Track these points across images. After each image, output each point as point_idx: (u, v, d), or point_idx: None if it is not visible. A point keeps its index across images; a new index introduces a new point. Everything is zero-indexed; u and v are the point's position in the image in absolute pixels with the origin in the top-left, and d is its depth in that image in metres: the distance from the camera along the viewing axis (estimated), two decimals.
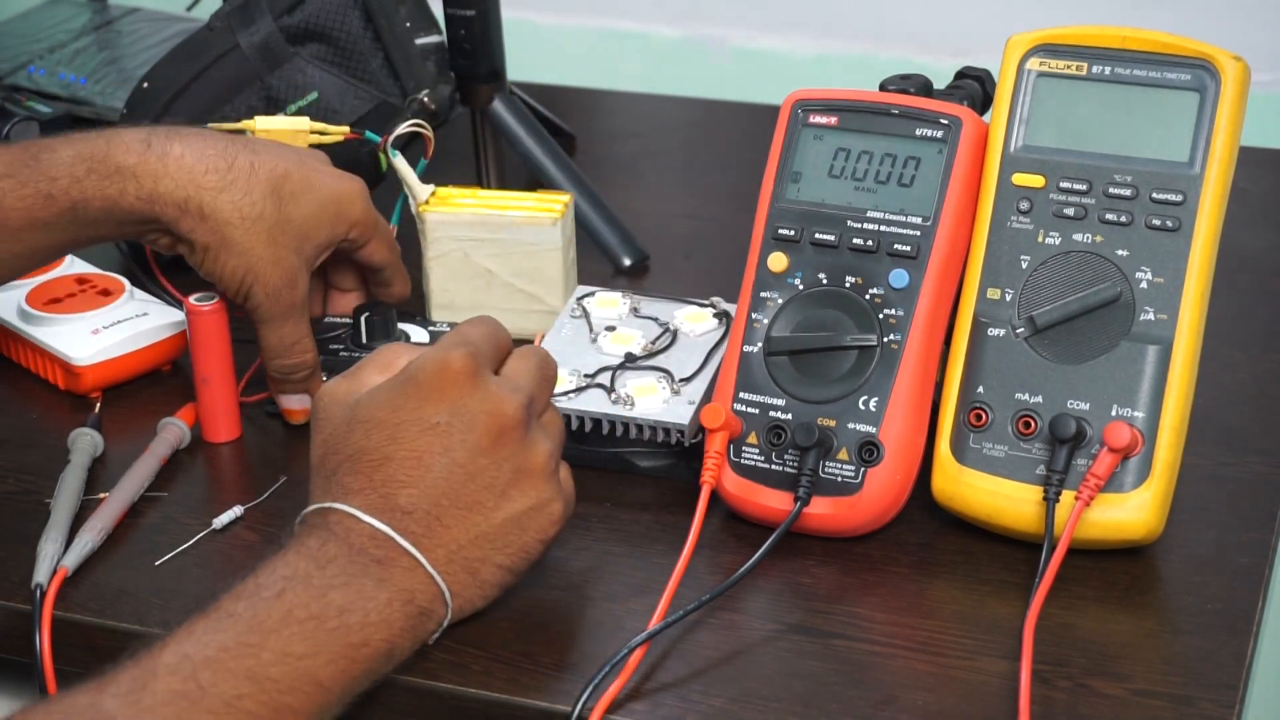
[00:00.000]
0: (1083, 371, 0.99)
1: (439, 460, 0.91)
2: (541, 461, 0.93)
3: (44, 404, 1.19)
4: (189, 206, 1.05)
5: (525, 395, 0.93)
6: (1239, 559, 0.99)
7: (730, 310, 1.12)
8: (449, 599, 0.91)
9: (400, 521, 0.90)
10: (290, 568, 0.88)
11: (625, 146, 1.57)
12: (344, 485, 0.91)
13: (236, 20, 1.30)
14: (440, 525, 0.91)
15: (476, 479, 0.91)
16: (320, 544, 0.89)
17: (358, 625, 0.87)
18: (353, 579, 0.88)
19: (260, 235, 1.06)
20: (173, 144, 1.06)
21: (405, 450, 0.91)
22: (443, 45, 1.37)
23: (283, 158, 1.09)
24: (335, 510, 0.91)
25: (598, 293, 1.15)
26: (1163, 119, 0.99)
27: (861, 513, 1.00)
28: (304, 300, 1.09)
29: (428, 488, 0.91)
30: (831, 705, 0.90)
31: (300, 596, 0.86)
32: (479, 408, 0.92)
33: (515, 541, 0.93)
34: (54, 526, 1.03)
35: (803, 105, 1.06)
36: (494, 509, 0.92)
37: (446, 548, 0.91)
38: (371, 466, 0.91)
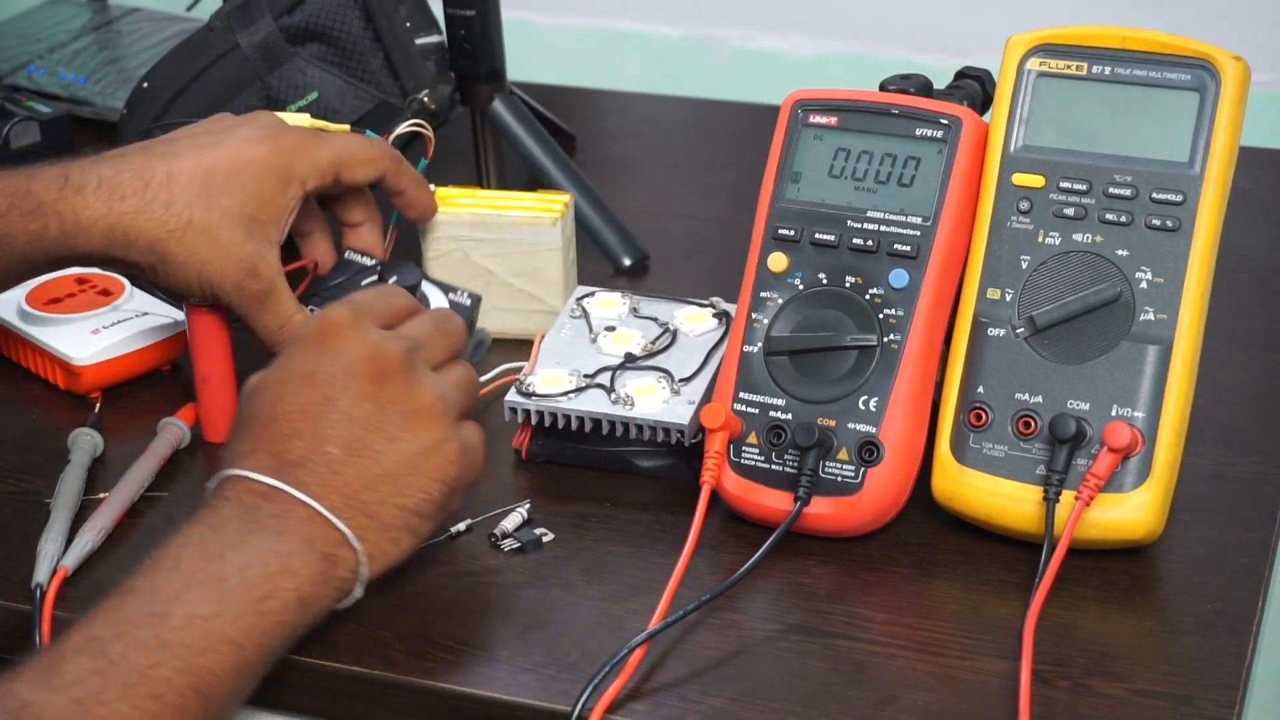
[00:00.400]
0: (1083, 371, 0.99)
1: (323, 410, 0.92)
2: (428, 403, 0.94)
3: (44, 404, 1.19)
4: (114, 235, 1.05)
5: (408, 342, 0.95)
6: (1239, 559, 0.99)
7: (730, 310, 1.12)
8: (355, 543, 0.91)
9: (291, 474, 0.91)
10: (185, 538, 0.89)
11: (625, 146, 1.57)
12: (236, 451, 0.93)
13: (236, 20, 1.30)
14: (332, 472, 0.91)
15: (362, 424, 0.92)
16: (213, 512, 0.90)
17: (260, 578, 0.88)
18: (249, 535, 0.89)
19: (197, 240, 1.05)
20: (89, 175, 1.05)
21: (290, 406, 0.92)
22: (443, 45, 1.37)
23: (205, 149, 1.07)
24: (228, 476, 0.92)
25: (597, 293, 1.15)
26: (1163, 119, 0.99)
27: (861, 513, 1.00)
28: (275, 281, 1.07)
29: (315, 438, 0.92)
30: (831, 705, 0.90)
31: (198, 561, 0.87)
32: (359, 355, 0.93)
33: (412, 483, 0.93)
34: (54, 526, 1.03)
35: (803, 105, 1.06)
36: (383, 452, 0.92)
37: (341, 493, 0.91)
38: (260, 427, 0.92)
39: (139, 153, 1.07)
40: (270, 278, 1.07)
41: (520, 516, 1.04)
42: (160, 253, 1.05)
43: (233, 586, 0.87)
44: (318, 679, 0.95)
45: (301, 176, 1.08)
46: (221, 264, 1.05)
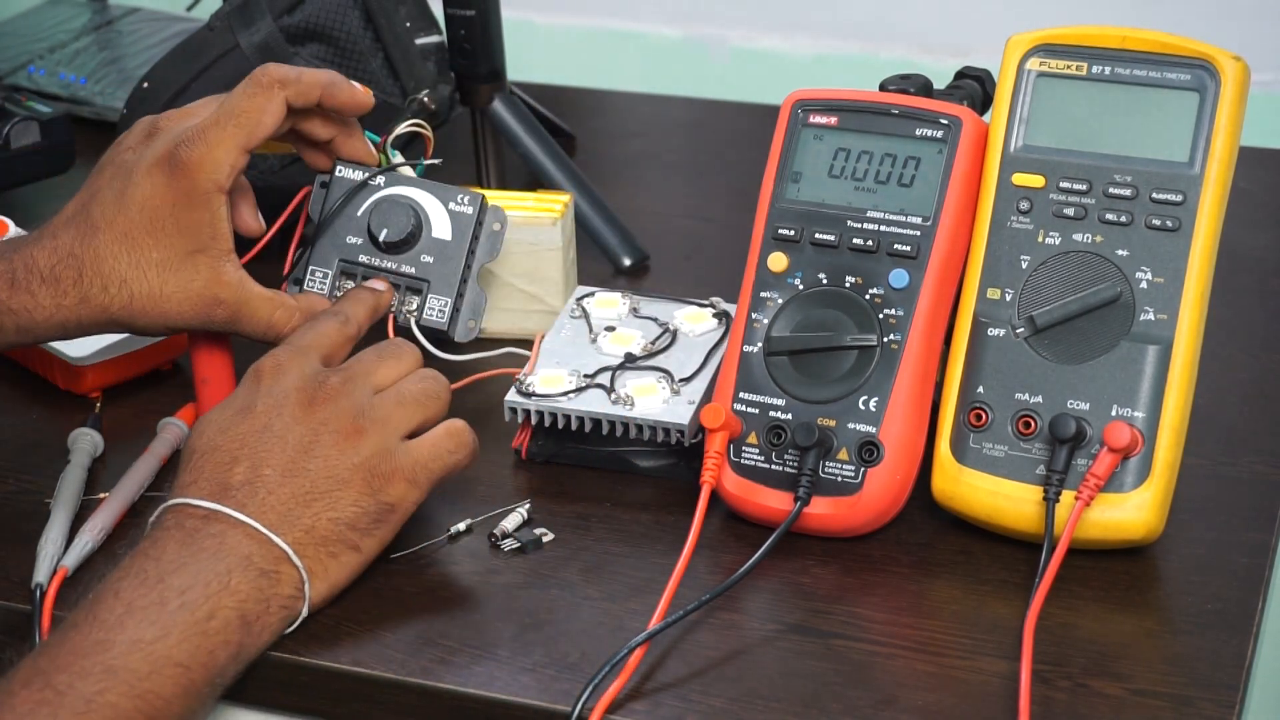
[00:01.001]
0: (1083, 371, 0.99)
1: (261, 437, 0.96)
2: (358, 423, 0.96)
3: (44, 404, 1.19)
4: (69, 327, 1.05)
5: (343, 371, 0.99)
6: (1239, 559, 0.99)
7: (730, 310, 1.12)
8: (294, 559, 0.93)
9: (230, 497, 0.94)
10: (123, 570, 0.91)
11: (625, 146, 1.57)
12: (178, 484, 0.96)
13: (236, 20, 1.30)
14: (266, 491, 0.94)
15: (295, 446, 0.95)
16: (153, 542, 0.92)
17: (200, 599, 0.89)
18: (189, 559, 0.91)
19: (147, 305, 1.04)
20: (32, 271, 1.04)
21: (229, 437, 0.96)
22: (443, 45, 1.37)
23: (115, 208, 1.04)
24: (171, 506, 0.94)
25: (597, 293, 1.15)
26: (1163, 119, 0.99)
27: (861, 513, 1.00)
28: (240, 294, 1.05)
29: (254, 463, 0.95)
30: (831, 705, 0.90)
31: (138, 590, 0.89)
32: (293, 384, 0.98)
33: (344, 497, 0.95)
34: (54, 526, 1.03)
35: (803, 105, 1.06)
36: (315, 470, 0.95)
37: (277, 511, 0.94)
38: (203, 460, 0.95)
39: (65, 230, 1.04)
40: (234, 297, 1.05)
41: (520, 516, 1.04)
42: (121, 324, 1.05)
43: (174, 609, 0.88)
44: (318, 679, 0.95)
45: (211, 185, 1.03)
46: (180, 311, 1.05)
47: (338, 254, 1.11)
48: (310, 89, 1.06)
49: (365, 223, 1.09)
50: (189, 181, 1.03)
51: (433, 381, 1.01)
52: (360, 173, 1.11)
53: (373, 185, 1.10)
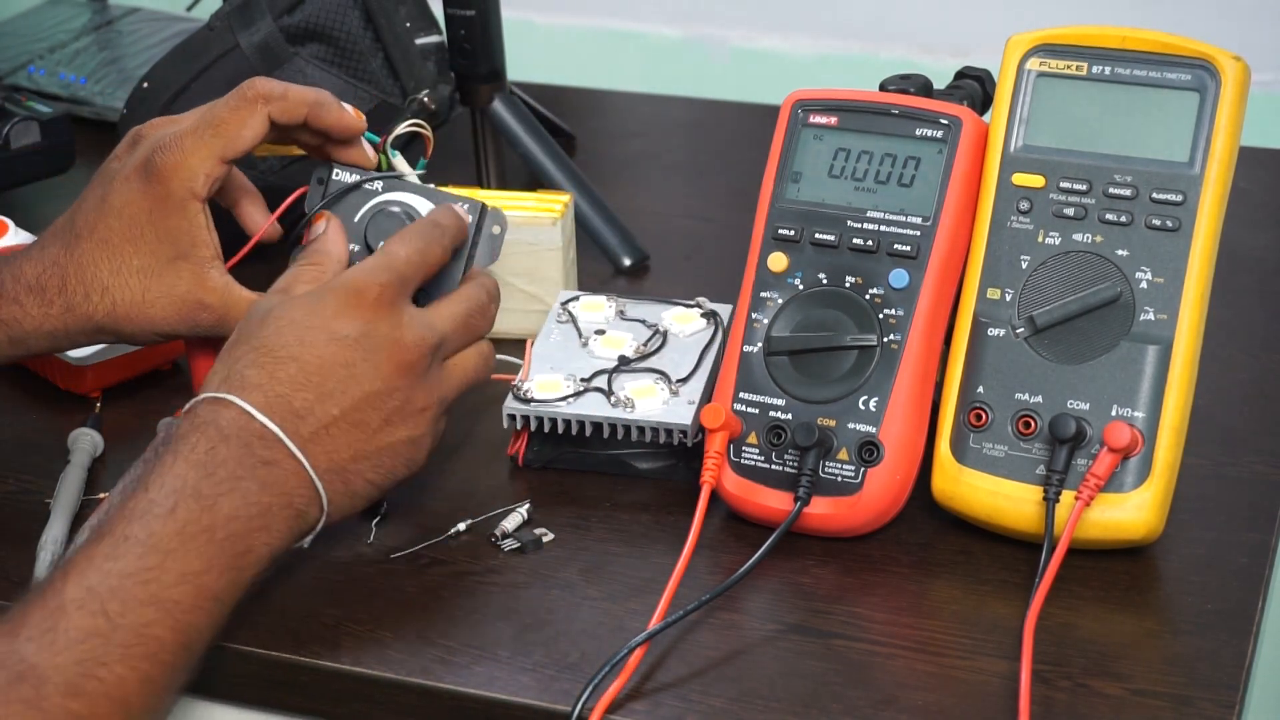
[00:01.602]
0: (1083, 371, 0.99)
1: (340, 372, 0.95)
2: (429, 402, 0.98)
3: (44, 404, 1.19)
4: (58, 337, 1.05)
5: (436, 336, 0.98)
6: (1239, 559, 0.99)
7: (717, 310, 1.12)
8: (325, 504, 0.95)
9: (292, 424, 0.93)
10: (180, 479, 0.90)
11: (625, 146, 1.57)
12: (243, 377, 0.94)
13: (236, 20, 1.30)
14: (327, 434, 0.95)
15: (370, 400, 0.96)
16: (209, 448, 0.91)
17: (243, 532, 0.90)
18: (239, 482, 0.91)
19: (132, 312, 1.03)
20: (19, 281, 1.04)
21: (310, 354, 0.95)
22: (443, 45, 1.37)
23: (96, 215, 1.03)
24: (230, 405, 0.93)
25: (582, 297, 1.15)
26: (1163, 119, 0.99)
27: (861, 513, 1.00)
28: (226, 298, 1.03)
29: (323, 396, 0.94)
30: (831, 705, 0.90)
31: (192, 510, 0.89)
32: (388, 334, 0.96)
33: (386, 464, 0.97)
34: (54, 526, 1.03)
35: (803, 105, 1.06)
36: (378, 431, 0.96)
37: (330, 456, 0.95)
38: (275, 363, 0.94)
39: (52, 242, 1.04)
40: (219, 301, 1.04)
41: (520, 516, 1.04)
42: (108, 331, 1.05)
43: (220, 541, 0.89)
44: (318, 679, 0.95)
45: (185, 193, 1.02)
46: (165, 316, 1.04)
47: None
48: (295, 107, 1.05)
49: (362, 231, 1.08)
50: (164, 188, 1.03)
51: (485, 364, 1.02)
52: (356, 175, 1.09)
53: (370, 190, 1.09)
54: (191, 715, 0.99)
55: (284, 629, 0.96)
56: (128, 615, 0.85)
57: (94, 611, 0.85)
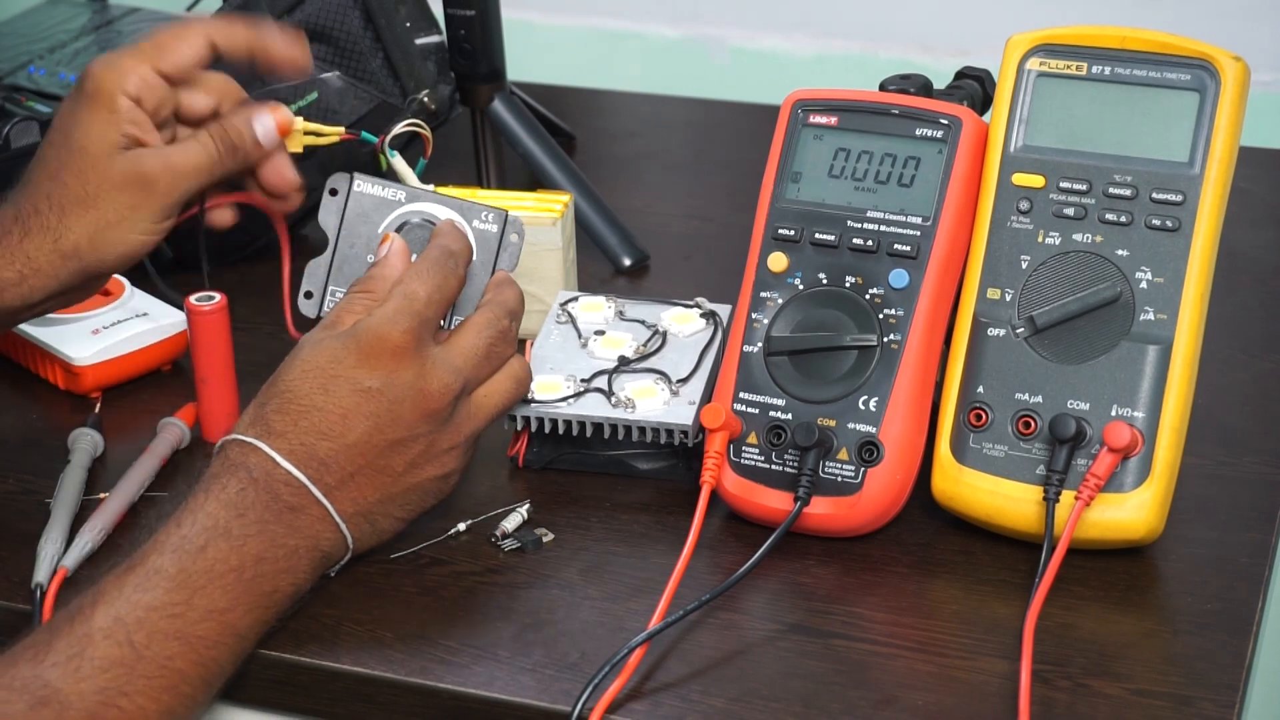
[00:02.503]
0: (1083, 371, 0.99)
1: (363, 423, 0.95)
2: (457, 441, 0.99)
3: (44, 404, 1.19)
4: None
5: (460, 379, 0.98)
6: (1239, 559, 0.99)
7: (716, 310, 1.12)
8: (350, 544, 0.96)
9: (317, 472, 0.94)
10: (211, 519, 0.92)
11: (625, 146, 1.57)
12: (269, 424, 0.95)
13: None
14: (352, 481, 0.96)
15: (394, 447, 0.97)
16: (239, 489, 0.93)
17: (270, 574, 0.92)
18: (267, 525, 0.92)
19: (54, 223, 1.02)
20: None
21: (333, 404, 0.95)
22: (443, 45, 1.37)
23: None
24: (257, 451, 0.94)
25: (581, 297, 1.15)
26: (1163, 119, 0.99)
27: (861, 513, 1.00)
28: (160, 164, 1.02)
29: (347, 445, 0.95)
30: (831, 705, 0.90)
31: (222, 549, 0.91)
32: (411, 383, 0.97)
33: (414, 501, 0.99)
34: (54, 526, 1.03)
35: (803, 105, 1.06)
36: (404, 474, 0.98)
37: (355, 502, 0.96)
38: (299, 412, 0.95)
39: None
40: (162, 168, 1.02)
41: (520, 516, 1.04)
42: (68, 248, 1.02)
43: (248, 580, 0.91)
44: (318, 679, 0.95)
45: (114, 88, 1.02)
46: (116, 209, 1.01)
47: (357, 274, 1.07)
48: (237, 32, 1.05)
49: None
50: (93, 86, 1.02)
51: (518, 386, 1.03)
52: (379, 185, 1.08)
53: (392, 201, 1.08)
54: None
55: (284, 629, 0.96)
56: (153, 647, 0.87)
57: (120, 641, 0.86)
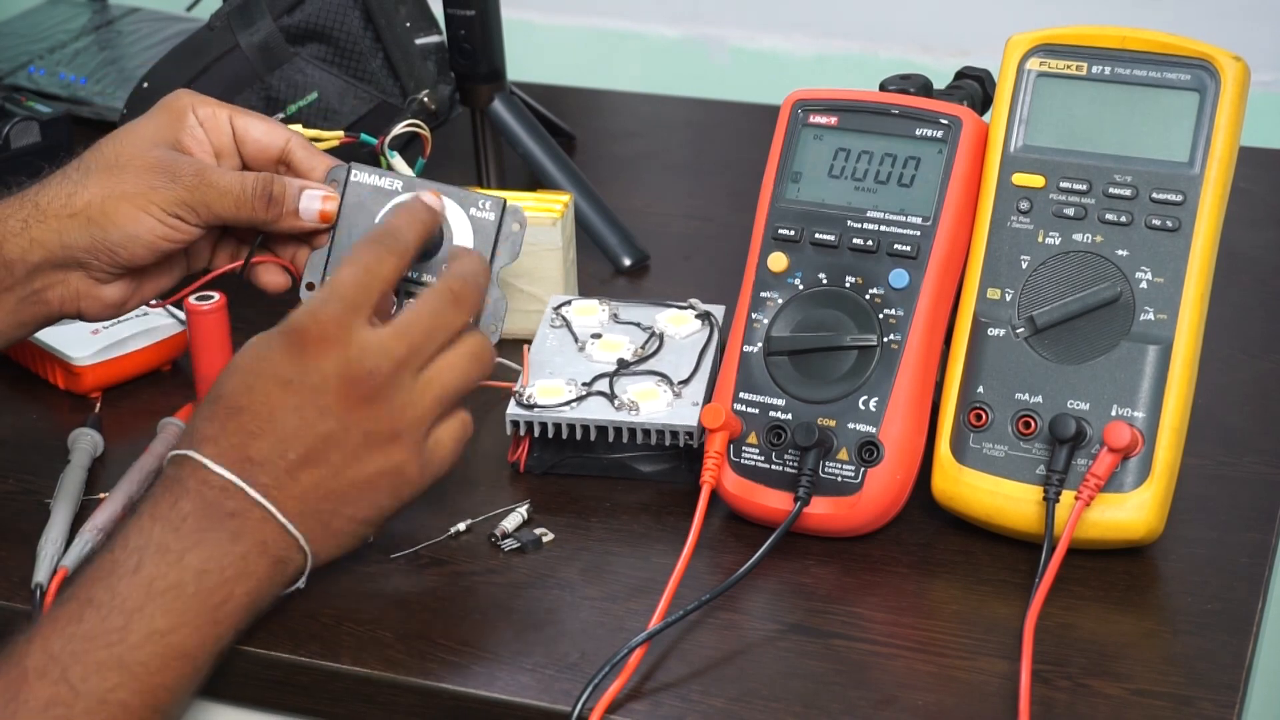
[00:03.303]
0: (1083, 371, 0.99)
1: (289, 417, 0.92)
2: (396, 427, 0.93)
3: (44, 404, 1.19)
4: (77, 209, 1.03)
5: (390, 361, 0.93)
6: (1239, 559, 0.99)
7: (711, 310, 1.12)
8: (306, 547, 0.92)
9: (250, 473, 0.91)
10: (145, 536, 0.89)
11: (625, 146, 1.57)
12: (200, 432, 0.92)
13: (236, 20, 1.30)
14: (291, 479, 0.92)
15: (325, 439, 0.92)
16: (173, 502, 0.90)
17: (216, 585, 0.89)
18: (206, 534, 0.89)
19: (80, 205, 1.02)
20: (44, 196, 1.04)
21: (259, 402, 0.92)
22: (443, 45, 1.37)
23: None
24: (188, 461, 0.92)
25: (574, 301, 1.15)
26: (1163, 119, 0.99)
27: (861, 513, 1.00)
28: (194, 168, 1.03)
29: (277, 441, 0.92)
30: (832, 705, 0.90)
31: (158, 566, 0.88)
32: (334, 370, 0.92)
33: (366, 499, 0.94)
34: (54, 526, 1.03)
35: (803, 105, 1.06)
36: (344, 469, 0.93)
37: (297, 500, 0.92)
38: (226, 414, 0.92)
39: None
40: (190, 171, 1.03)
41: (520, 516, 1.04)
42: (81, 221, 1.02)
43: (190, 595, 0.88)
44: (318, 679, 0.95)
45: (183, 107, 1.06)
46: (138, 184, 1.02)
47: None
48: (312, 161, 1.07)
49: None
50: (170, 98, 1.06)
51: (474, 364, 0.97)
52: (376, 175, 1.08)
53: (389, 190, 1.08)
54: (191, 715, 0.99)
55: (284, 629, 0.96)
56: (90, 681, 0.84)
57: (55, 679, 0.84)
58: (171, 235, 1.03)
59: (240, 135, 1.06)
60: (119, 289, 1.05)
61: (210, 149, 1.06)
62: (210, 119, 1.06)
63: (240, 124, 1.06)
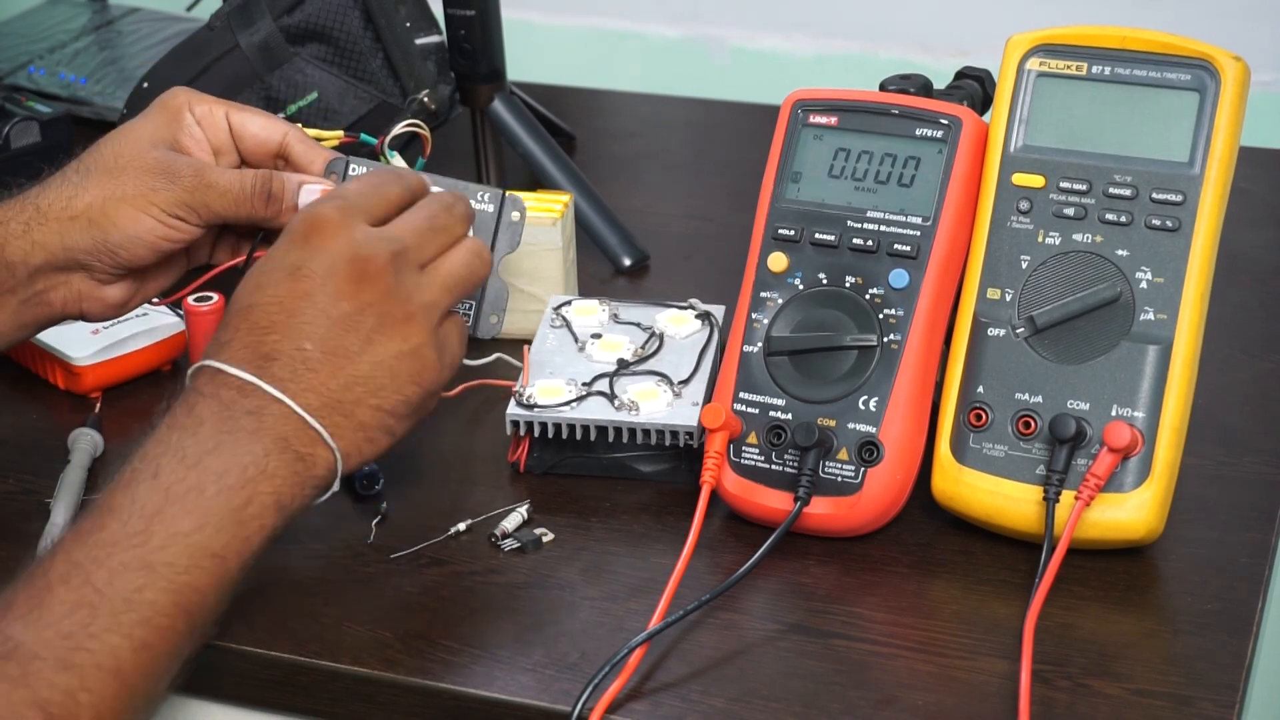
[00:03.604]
0: (1083, 371, 0.99)
1: (301, 305, 0.91)
2: (406, 309, 0.93)
3: (44, 404, 1.19)
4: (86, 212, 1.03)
5: (395, 244, 0.94)
6: (1239, 559, 0.99)
7: (711, 310, 1.12)
8: (330, 442, 0.91)
9: (265, 368, 0.90)
10: (162, 444, 0.89)
11: (625, 146, 1.57)
12: (216, 340, 0.92)
13: (236, 20, 1.30)
14: (307, 369, 0.91)
15: (340, 324, 0.92)
16: (188, 410, 0.90)
17: (238, 484, 0.88)
18: (225, 436, 0.89)
19: (80, 207, 1.02)
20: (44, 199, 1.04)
21: (269, 296, 0.92)
22: (443, 45, 1.37)
23: None
24: (204, 369, 0.91)
25: (574, 301, 1.15)
26: (1163, 119, 0.99)
27: (861, 513, 1.00)
28: (194, 167, 1.03)
29: (291, 332, 0.91)
30: (831, 705, 0.90)
31: (176, 471, 0.87)
32: (341, 253, 0.92)
33: (388, 386, 0.93)
34: (54, 526, 1.03)
35: (803, 105, 1.06)
36: (360, 353, 0.92)
37: (317, 392, 0.91)
38: (239, 316, 0.92)
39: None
40: (189, 171, 1.03)
41: (520, 516, 1.04)
42: (82, 222, 1.02)
43: (212, 496, 0.87)
44: (318, 679, 0.95)
45: (180, 104, 1.06)
46: (138, 184, 1.02)
47: None
48: (311, 154, 1.07)
49: None
50: (166, 96, 1.05)
51: (476, 259, 0.98)
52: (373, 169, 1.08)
53: None
54: (191, 715, 0.99)
55: (283, 629, 0.96)
56: (115, 583, 0.84)
57: (79, 584, 0.84)
58: (173, 235, 1.03)
59: (237, 131, 1.06)
60: (121, 289, 1.05)
61: (208, 147, 1.06)
62: (207, 116, 1.06)
63: (237, 120, 1.06)
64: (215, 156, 1.06)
